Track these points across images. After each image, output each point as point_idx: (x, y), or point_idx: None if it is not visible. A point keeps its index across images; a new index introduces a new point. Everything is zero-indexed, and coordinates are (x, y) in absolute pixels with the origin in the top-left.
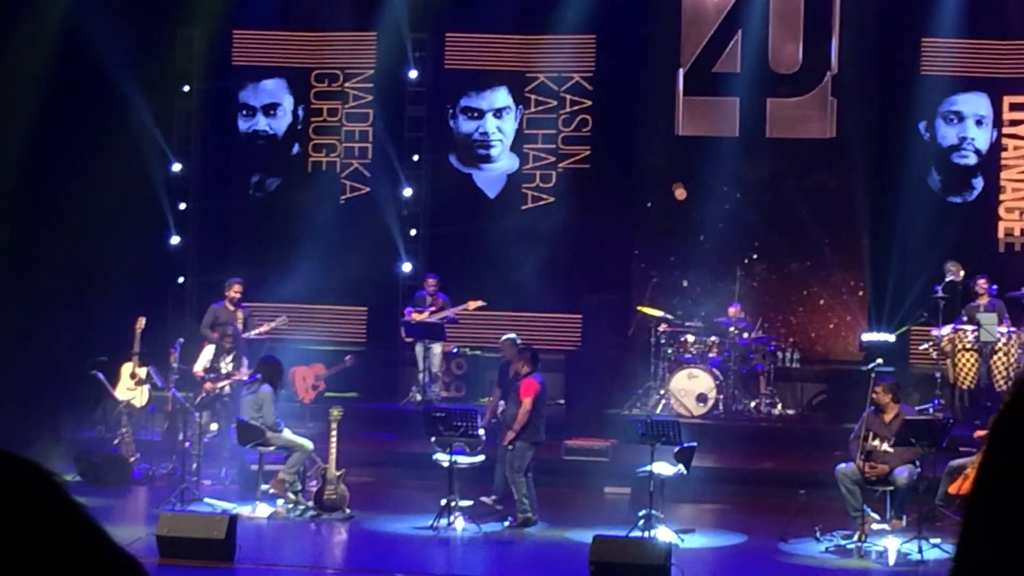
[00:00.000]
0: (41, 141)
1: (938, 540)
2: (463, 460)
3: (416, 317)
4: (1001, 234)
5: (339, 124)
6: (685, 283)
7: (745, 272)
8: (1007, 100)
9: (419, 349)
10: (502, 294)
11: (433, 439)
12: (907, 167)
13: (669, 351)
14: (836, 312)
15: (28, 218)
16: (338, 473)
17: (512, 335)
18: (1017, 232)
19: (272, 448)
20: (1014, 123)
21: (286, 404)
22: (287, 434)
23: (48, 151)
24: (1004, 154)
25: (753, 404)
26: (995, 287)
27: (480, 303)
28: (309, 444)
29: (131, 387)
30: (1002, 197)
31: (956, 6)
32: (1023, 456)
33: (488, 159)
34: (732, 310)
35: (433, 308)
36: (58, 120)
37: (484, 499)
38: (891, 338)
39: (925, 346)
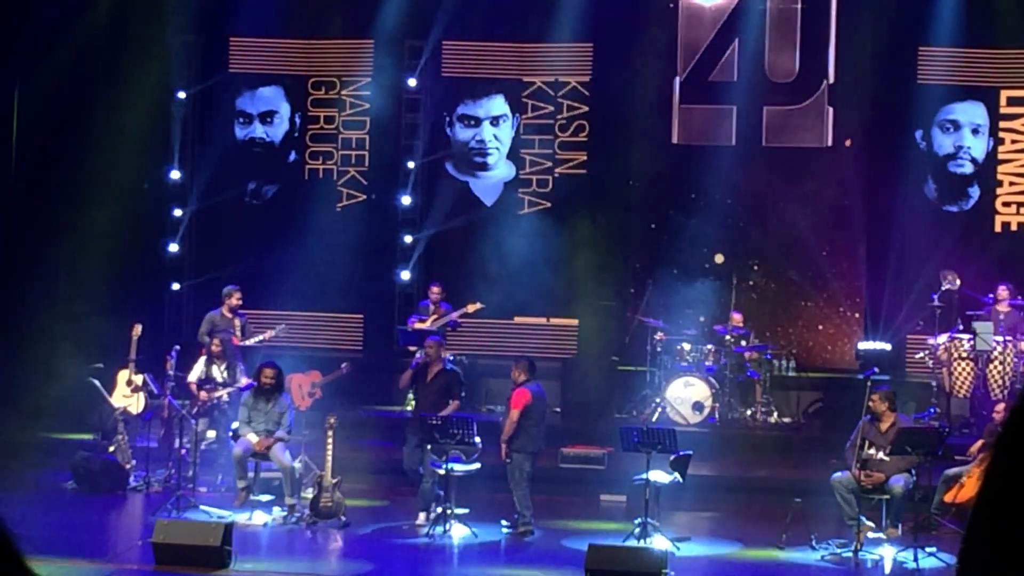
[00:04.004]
0: (37, 147)
1: (934, 549)
2: (459, 468)
3: (419, 326)
4: (998, 228)
5: (335, 132)
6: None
7: (741, 280)
8: (1004, 94)
9: (419, 356)
10: (498, 301)
11: (429, 446)
12: (903, 176)
13: (666, 359)
14: (832, 320)
15: (24, 225)
16: (334, 480)
17: (438, 338)
18: (1014, 226)
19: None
20: (1010, 117)
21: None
22: (240, 439)
23: (44, 157)
24: (1001, 148)
25: (749, 412)
26: (1020, 298)
27: (478, 306)
28: (237, 450)
29: (127, 394)
30: (999, 191)
31: (953, 15)
32: None
33: (485, 167)
34: (736, 317)
35: (436, 316)
36: (54, 126)
37: (419, 518)
38: (887, 346)
39: (921, 355)
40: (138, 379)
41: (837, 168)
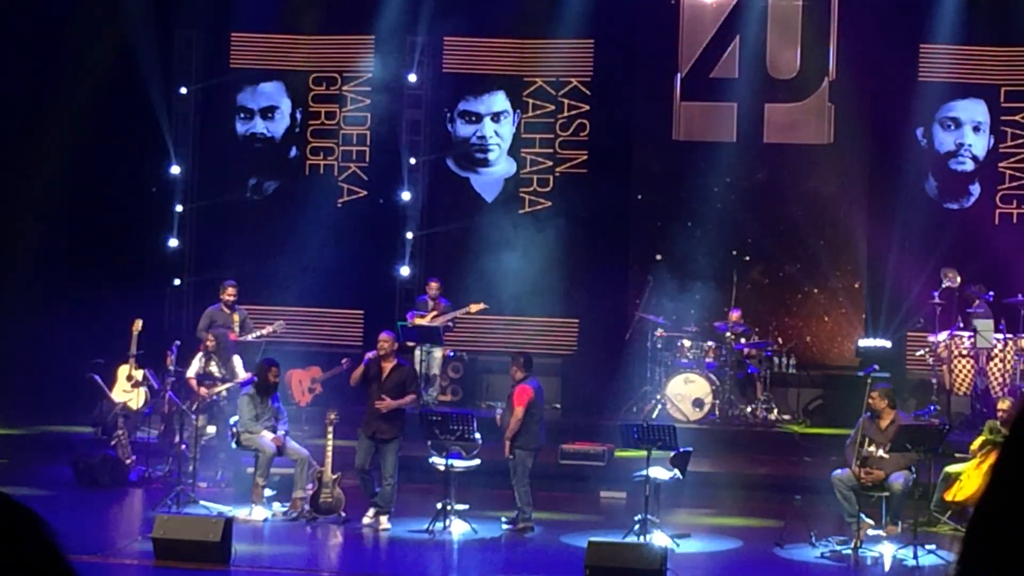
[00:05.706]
0: (39, 143)
1: (933, 546)
2: (459, 464)
3: (418, 321)
4: (997, 221)
5: (336, 127)
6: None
7: (742, 277)
8: (1003, 90)
9: (418, 353)
10: (499, 298)
11: (429, 443)
12: (904, 173)
13: (666, 355)
14: (833, 317)
15: (26, 221)
16: (334, 477)
17: (392, 333)
18: (1015, 219)
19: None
20: (1011, 112)
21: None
22: (258, 437)
23: (46, 153)
24: (1002, 145)
25: (749, 409)
26: (990, 294)
27: (481, 306)
28: (269, 448)
29: (127, 389)
30: (999, 187)
31: (954, 12)
32: None
33: (486, 163)
34: (734, 315)
35: (435, 312)
36: (56, 122)
37: (366, 518)
38: (887, 344)
39: (921, 352)
40: (138, 374)
41: (838, 165)
